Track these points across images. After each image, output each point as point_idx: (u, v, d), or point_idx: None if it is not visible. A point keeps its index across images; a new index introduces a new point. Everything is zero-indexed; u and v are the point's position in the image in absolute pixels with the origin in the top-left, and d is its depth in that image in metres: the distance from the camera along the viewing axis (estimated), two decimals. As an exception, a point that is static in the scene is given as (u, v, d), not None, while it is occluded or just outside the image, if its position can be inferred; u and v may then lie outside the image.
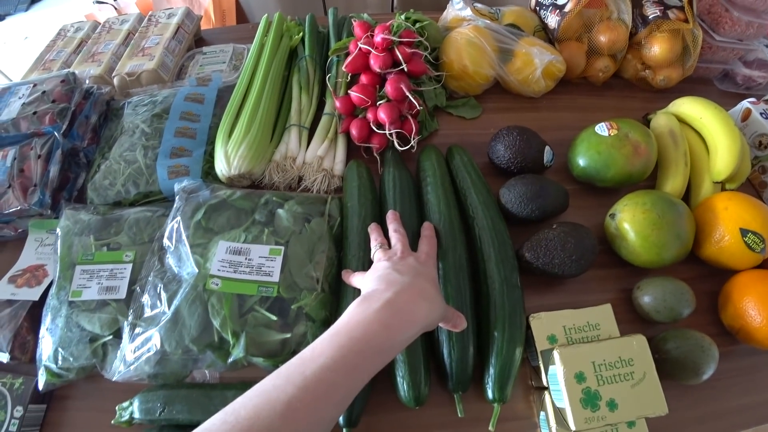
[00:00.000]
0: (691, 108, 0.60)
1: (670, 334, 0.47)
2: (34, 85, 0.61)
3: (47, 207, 0.55)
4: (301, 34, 0.67)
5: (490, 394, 0.42)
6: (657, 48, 0.63)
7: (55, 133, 0.57)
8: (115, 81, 0.66)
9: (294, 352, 0.43)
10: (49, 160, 0.57)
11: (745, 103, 0.62)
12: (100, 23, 0.77)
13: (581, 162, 0.56)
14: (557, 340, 0.44)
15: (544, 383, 0.43)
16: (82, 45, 0.73)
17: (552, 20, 0.65)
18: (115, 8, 1.26)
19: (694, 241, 0.51)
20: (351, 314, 0.33)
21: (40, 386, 0.45)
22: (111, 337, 0.45)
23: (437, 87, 0.62)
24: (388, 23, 0.56)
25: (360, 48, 0.56)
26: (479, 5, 0.68)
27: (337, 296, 0.47)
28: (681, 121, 0.61)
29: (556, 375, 0.41)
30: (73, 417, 0.46)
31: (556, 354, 0.41)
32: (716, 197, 0.53)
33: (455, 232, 0.48)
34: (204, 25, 1.35)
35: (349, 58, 0.57)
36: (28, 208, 0.54)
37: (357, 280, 0.42)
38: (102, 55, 0.68)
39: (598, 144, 0.54)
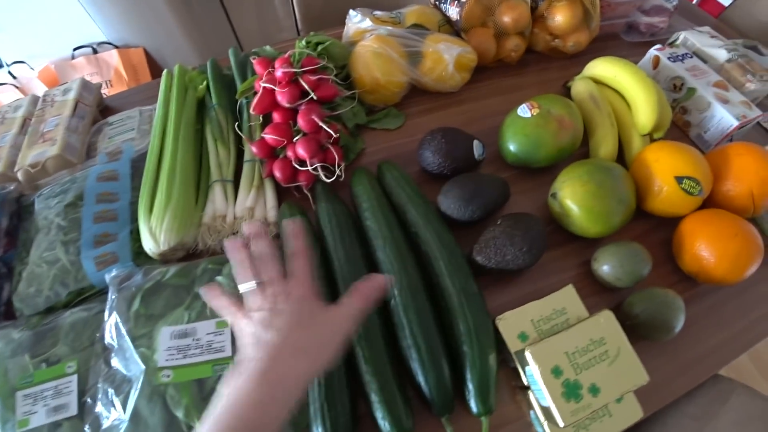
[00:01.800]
0: (604, 68, 0.60)
1: (635, 297, 0.47)
2: (-72, 201, 0.55)
3: (-28, 333, 0.50)
4: (205, 82, 0.64)
5: (474, 409, 0.41)
6: (560, 17, 0.64)
7: (-36, 250, 0.52)
8: (20, 175, 0.61)
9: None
10: (-39, 281, 0.52)
11: (653, 51, 0.64)
12: (-9, 117, 0.71)
13: (512, 148, 0.55)
14: (528, 336, 0.44)
15: (525, 383, 0.43)
16: (-25, 144, 0.67)
17: (453, 12, 0.64)
18: (17, 87, 1.19)
19: (637, 198, 0.52)
20: (227, 394, 0.30)
21: None
22: (72, 459, 0.42)
23: (354, 105, 0.60)
24: (287, 54, 0.54)
25: (263, 87, 0.54)
26: (378, 12, 0.66)
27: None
28: (598, 82, 0.62)
29: (533, 375, 0.40)
30: None
31: (528, 354, 0.40)
32: (646, 151, 0.53)
33: (403, 254, 0.47)
34: (117, 86, 1.29)
35: (256, 99, 0.54)
36: (-50, 340, 0.49)
37: (237, 324, 0.34)
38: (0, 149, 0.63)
39: (524, 127, 0.54)
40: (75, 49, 1.24)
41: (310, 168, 0.50)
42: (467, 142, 0.54)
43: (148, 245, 0.50)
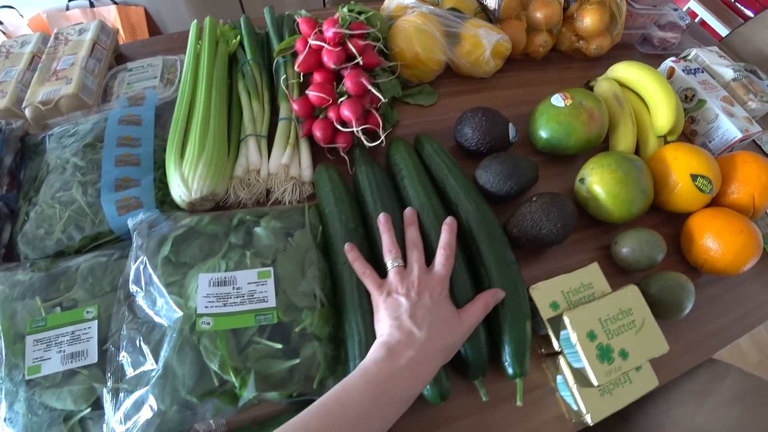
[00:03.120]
0: (628, 72, 0.64)
1: (651, 279, 0.50)
2: (-77, 131, 0.50)
3: (-31, 273, 0.46)
4: (238, 38, 0.62)
5: (510, 371, 0.43)
6: (588, 20, 0.67)
7: (-37, 185, 0.48)
8: (28, 112, 0.56)
9: (306, 378, 0.40)
10: (-39, 217, 0.47)
11: (669, 62, 0.68)
12: (-10, 50, 0.66)
13: (543, 134, 0.58)
14: (559, 305, 0.46)
15: (556, 348, 0.44)
16: (-28, 77, 0.62)
17: (491, 1, 0.66)
18: (3, 33, 1.09)
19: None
20: (380, 365, 0.36)
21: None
22: (89, 410, 0.39)
23: (392, 78, 0.60)
24: (335, 16, 0.54)
25: (310, 45, 0.53)
26: (419, -9, 0.67)
27: (336, 308, 0.44)
28: (620, 84, 0.65)
29: (569, 338, 0.42)
30: None
31: (566, 319, 0.42)
32: (665, 149, 0.57)
33: (441, 219, 0.47)
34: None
35: (300, 57, 0.54)
36: (-58, 278, 0.45)
37: (374, 294, 0.42)
38: (4, 84, 0.58)
39: (557, 115, 0.57)
40: (70, 0, 1.16)
41: (356, 129, 0.50)
42: (504, 124, 0.56)
43: (179, 193, 0.48)
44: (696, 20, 1.45)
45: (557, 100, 0.57)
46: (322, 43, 0.52)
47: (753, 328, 0.55)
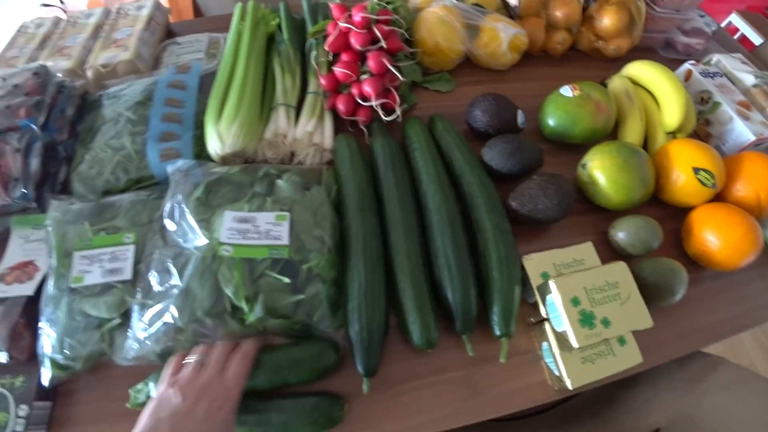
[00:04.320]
0: (642, 70, 0.67)
1: (645, 263, 0.52)
2: (4, 80, 0.59)
3: (31, 201, 0.53)
4: (276, 20, 0.69)
5: (497, 331, 0.46)
6: (607, 20, 0.70)
7: (33, 126, 0.55)
8: (89, 73, 0.64)
9: (308, 314, 0.44)
10: (28, 153, 0.55)
11: (687, 65, 0.70)
12: (61, 19, 0.75)
13: (551, 122, 0.61)
14: (549, 275, 0.48)
15: (543, 315, 0.47)
16: (45, 41, 0.71)
17: (513, -2, 0.70)
18: (63, 11, 1.21)
19: (655, 186, 0.58)
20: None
21: (45, 381, 0.43)
22: (119, 320, 0.45)
23: (413, 64, 0.65)
24: (364, 3, 0.59)
25: (340, 28, 0.58)
26: (445, -14, 0.72)
27: (342, 258, 0.49)
28: (633, 82, 0.68)
29: (554, 303, 0.45)
30: (81, 410, 0.45)
31: (551, 284, 0.45)
32: (670, 144, 0.59)
33: (445, 188, 0.52)
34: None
35: (331, 38, 0.59)
36: (10, 203, 0.52)
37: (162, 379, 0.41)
38: (71, 48, 0.67)
39: (564, 104, 0.60)
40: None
41: (374, 103, 0.54)
42: (512, 110, 0.60)
43: (214, 146, 0.54)
44: (737, 35, 1.42)
45: (566, 90, 0.60)
46: (351, 26, 0.57)
47: (749, 328, 0.55)
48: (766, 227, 0.60)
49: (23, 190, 0.52)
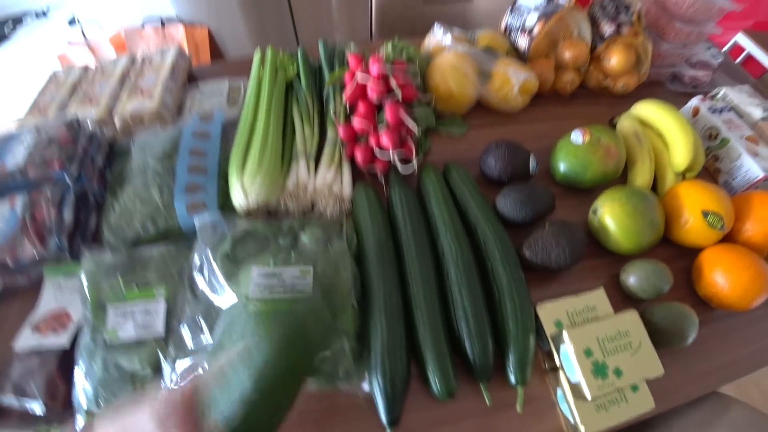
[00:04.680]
0: (650, 110, 0.68)
1: (656, 308, 0.53)
2: (38, 131, 0.62)
3: (65, 251, 0.56)
4: (295, 66, 0.71)
5: (513, 379, 0.47)
6: (614, 60, 0.72)
7: (66, 177, 0.59)
8: (117, 123, 0.68)
9: (333, 368, 0.46)
10: (62, 204, 0.58)
11: (694, 101, 0.72)
12: (90, 67, 0.78)
13: (562, 168, 0.63)
14: (562, 324, 0.50)
15: (557, 363, 0.49)
16: (75, 88, 0.74)
17: (522, 42, 0.73)
18: (89, 47, 1.26)
19: (665, 226, 0.59)
20: None
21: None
22: (151, 373, 0.47)
23: (427, 108, 0.67)
24: (380, 54, 0.62)
25: (358, 82, 0.61)
26: (456, 31, 0.74)
27: (363, 309, 0.51)
28: (642, 122, 0.69)
29: (567, 353, 0.46)
30: (116, 455, 0.47)
31: (565, 334, 0.46)
32: (679, 186, 0.61)
33: (461, 238, 0.53)
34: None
35: (348, 90, 0.62)
36: (45, 254, 0.55)
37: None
38: (100, 96, 0.70)
39: (575, 150, 0.62)
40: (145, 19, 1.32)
41: (392, 156, 0.57)
42: (525, 156, 0.61)
43: (239, 200, 0.57)
44: (743, 54, 1.43)
45: (576, 135, 0.62)
46: (366, 82, 0.60)
47: (762, 367, 0.56)
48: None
49: (57, 242, 0.55)
